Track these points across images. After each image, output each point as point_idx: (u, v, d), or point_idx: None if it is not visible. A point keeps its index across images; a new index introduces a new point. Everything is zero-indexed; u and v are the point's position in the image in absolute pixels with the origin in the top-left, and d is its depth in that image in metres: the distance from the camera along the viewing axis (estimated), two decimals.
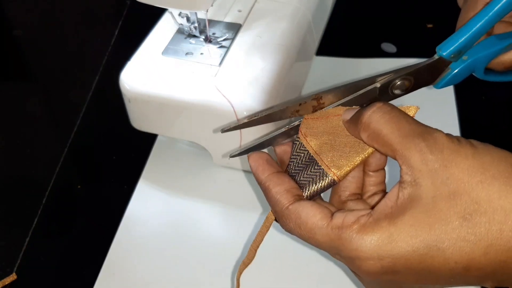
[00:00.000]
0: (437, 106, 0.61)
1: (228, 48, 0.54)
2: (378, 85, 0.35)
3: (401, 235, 0.27)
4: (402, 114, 0.30)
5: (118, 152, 0.60)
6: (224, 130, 0.37)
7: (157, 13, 0.59)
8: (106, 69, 0.69)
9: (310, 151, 0.33)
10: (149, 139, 0.60)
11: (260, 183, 0.33)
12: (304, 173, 0.33)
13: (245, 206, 0.54)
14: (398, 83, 0.37)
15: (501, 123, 0.60)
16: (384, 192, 0.34)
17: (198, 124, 0.53)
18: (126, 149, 0.60)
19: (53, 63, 0.73)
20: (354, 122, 0.31)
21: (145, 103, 0.53)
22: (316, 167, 0.33)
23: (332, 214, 0.29)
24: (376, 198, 0.33)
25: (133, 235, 0.52)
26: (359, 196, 0.34)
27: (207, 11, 0.54)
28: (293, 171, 0.34)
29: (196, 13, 0.55)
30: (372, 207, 0.30)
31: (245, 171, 0.56)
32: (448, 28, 0.77)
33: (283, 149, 0.36)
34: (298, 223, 0.30)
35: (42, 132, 0.64)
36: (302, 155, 0.34)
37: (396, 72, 0.36)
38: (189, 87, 0.51)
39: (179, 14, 0.56)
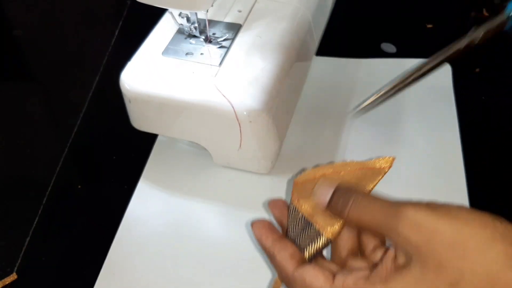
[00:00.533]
0: (436, 107, 0.61)
1: (228, 48, 0.55)
2: (465, 42, 0.50)
3: None
4: (372, 200, 0.32)
5: (119, 152, 0.60)
6: (361, 108, 0.48)
7: (158, 13, 0.59)
8: (107, 69, 0.70)
9: (304, 214, 0.35)
10: (150, 139, 0.60)
11: (265, 250, 0.35)
12: (302, 236, 0.35)
13: (245, 206, 0.54)
14: (478, 38, 0.50)
15: (501, 124, 0.60)
16: (384, 244, 0.36)
17: (198, 124, 0.53)
18: (126, 149, 0.60)
19: (54, 63, 0.73)
20: (335, 212, 0.33)
21: (145, 103, 0.53)
22: (311, 229, 0.34)
23: (334, 276, 0.32)
24: (378, 252, 0.35)
25: (133, 235, 0.52)
26: (357, 252, 0.36)
27: (207, 11, 0.54)
28: (292, 234, 0.36)
29: (196, 13, 0.55)
30: (375, 264, 0.32)
31: (245, 171, 0.56)
32: (447, 28, 0.77)
33: (281, 211, 0.38)
34: (303, 287, 0.32)
35: (42, 132, 0.64)
36: (298, 218, 0.36)
37: (475, 31, 0.51)
38: (189, 87, 0.51)
39: (179, 14, 0.56)
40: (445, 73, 0.65)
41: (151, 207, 0.54)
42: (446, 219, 0.29)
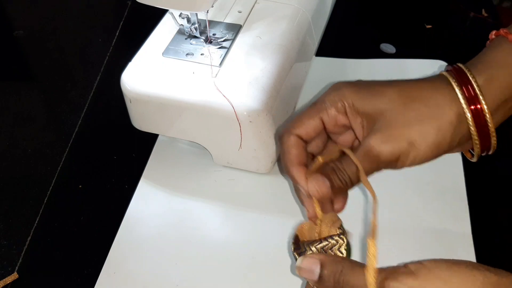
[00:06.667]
0: None
1: (228, 48, 0.55)
2: None
3: None
4: (359, 274, 0.33)
5: (119, 152, 0.60)
6: None
7: (158, 14, 0.59)
8: (107, 69, 0.70)
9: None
10: (150, 139, 0.60)
11: None
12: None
13: (245, 205, 0.54)
14: None
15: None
16: None
17: (199, 124, 0.53)
18: (127, 149, 0.60)
19: (55, 64, 0.73)
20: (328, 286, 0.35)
21: (146, 104, 0.54)
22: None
23: None
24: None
25: (134, 234, 0.52)
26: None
27: (207, 12, 0.54)
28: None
29: (196, 14, 0.55)
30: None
31: (245, 171, 0.56)
32: (447, 28, 0.77)
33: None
34: None
35: (43, 132, 0.64)
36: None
37: None
38: (189, 88, 0.52)
39: (180, 15, 0.56)
40: None
41: (151, 207, 0.55)
42: (424, 278, 0.32)
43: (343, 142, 0.43)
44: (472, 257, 0.48)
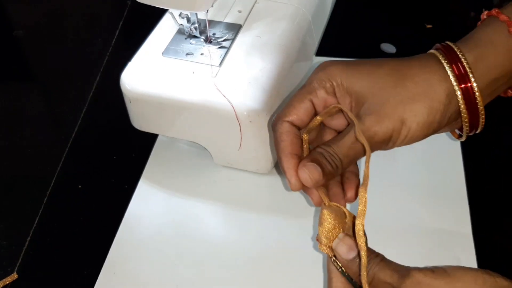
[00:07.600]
0: None
1: (228, 48, 0.55)
2: None
3: None
4: (388, 264, 0.36)
5: (119, 152, 0.60)
6: None
7: (158, 13, 0.59)
8: (107, 69, 0.70)
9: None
10: (150, 139, 0.60)
11: None
12: None
13: (245, 205, 0.54)
14: None
15: (500, 121, 0.60)
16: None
17: (199, 124, 0.53)
18: (126, 149, 0.60)
19: (54, 64, 0.73)
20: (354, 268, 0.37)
21: (145, 103, 0.53)
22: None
23: None
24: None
25: (134, 234, 0.52)
26: None
27: (207, 12, 0.54)
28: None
29: (196, 13, 0.55)
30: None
31: (245, 171, 0.56)
32: (447, 28, 0.77)
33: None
34: None
35: (43, 132, 0.64)
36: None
37: None
38: (189, 87, 0.52)
39: (180, 15, 0.56)
40: None
41: (151, 207, 0.55)
42: (442, 277, 0.33)
43: (336, 126, 0.42)
44: (472, 257, 0.48)
